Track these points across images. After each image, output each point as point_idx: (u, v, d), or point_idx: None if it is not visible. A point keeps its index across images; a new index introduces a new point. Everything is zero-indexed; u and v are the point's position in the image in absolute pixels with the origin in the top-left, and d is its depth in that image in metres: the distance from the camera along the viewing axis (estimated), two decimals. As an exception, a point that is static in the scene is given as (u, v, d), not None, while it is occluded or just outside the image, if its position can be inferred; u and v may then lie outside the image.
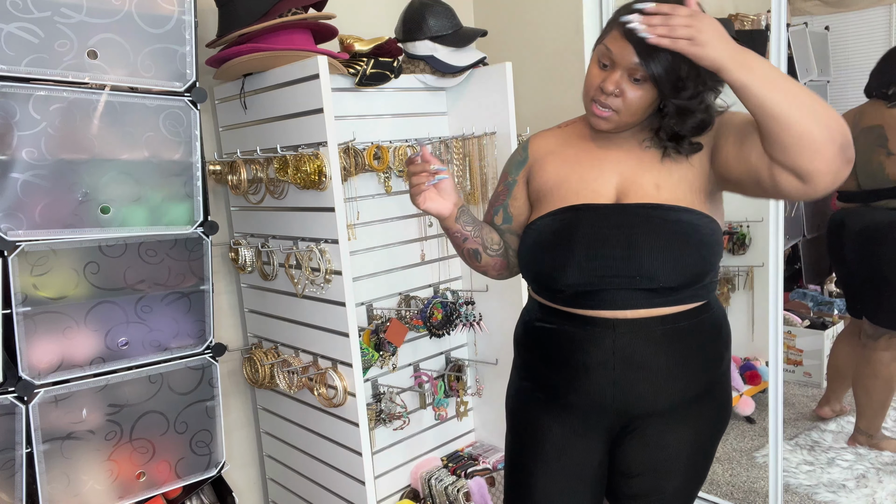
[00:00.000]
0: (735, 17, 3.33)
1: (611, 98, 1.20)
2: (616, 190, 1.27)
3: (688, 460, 1.33)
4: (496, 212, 1.45)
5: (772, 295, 2.19)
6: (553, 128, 1.44)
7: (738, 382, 3.13)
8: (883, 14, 3.47)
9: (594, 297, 1.24)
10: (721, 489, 2.56)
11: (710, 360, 1.30)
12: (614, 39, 1.18)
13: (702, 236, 1.21)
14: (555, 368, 1.31)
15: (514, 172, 1.42)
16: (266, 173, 1.95)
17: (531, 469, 1.37)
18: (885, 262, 2.60)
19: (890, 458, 2.66)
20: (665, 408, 1.27)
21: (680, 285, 1.22)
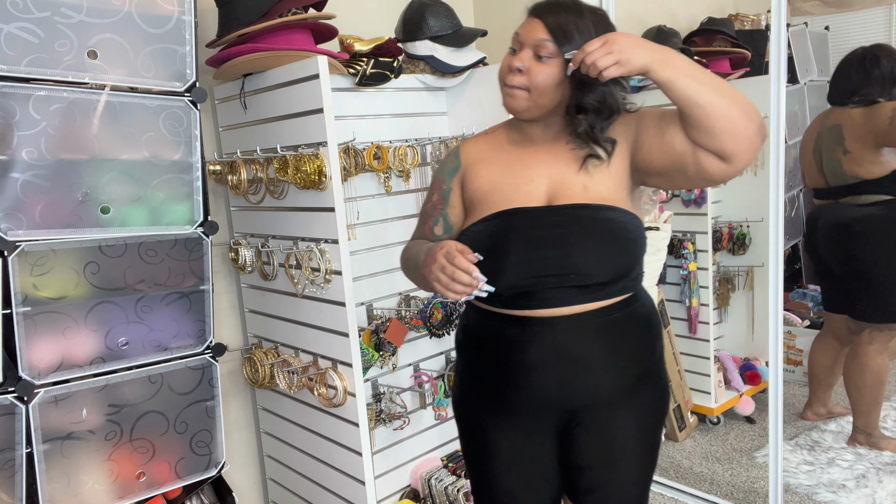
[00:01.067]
0: (735, 17, 3.33)
1: (518, 76, 1.25)
2: (547, 192, 1.31)
3: (634, 447, 1.37)
4: (435, 222, 1.43)
5: (772, 295, 2.19)
6: (480, 134, 1.47)
7: (738, 382, 3.13)
8: (883, 14, 3.46)
9: (531, 297, 1.28)
10: (721, 489, 2.56)
11: (644, 348, 1.36)
12: (522, 25, 1.28)
13: (628, 233, 1.28)
14: (497, 370, 1.34)
15: (448, 180, 1.42)
16: (266, 173, 1.95)
17: (490, 472, 1.42)
18: (857, 258, 2.65)
19: (890, 458, 2.66)
20: (606, 398, 1.32)
21: (611, 280, 1.28)
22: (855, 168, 2.60)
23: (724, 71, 3.05)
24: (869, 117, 2.53)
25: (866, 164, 2.56)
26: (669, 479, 2.64)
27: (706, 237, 2.99)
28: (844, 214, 2.63)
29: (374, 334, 2.11)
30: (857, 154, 2.58)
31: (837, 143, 2.61)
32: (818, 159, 2.68)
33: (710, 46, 3.06)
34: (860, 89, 2.58)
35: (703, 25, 3.08)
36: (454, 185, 1.41)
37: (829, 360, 2.92)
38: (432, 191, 1.45)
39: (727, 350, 3.29)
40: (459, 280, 1.16)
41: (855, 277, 2.67)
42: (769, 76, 2.10)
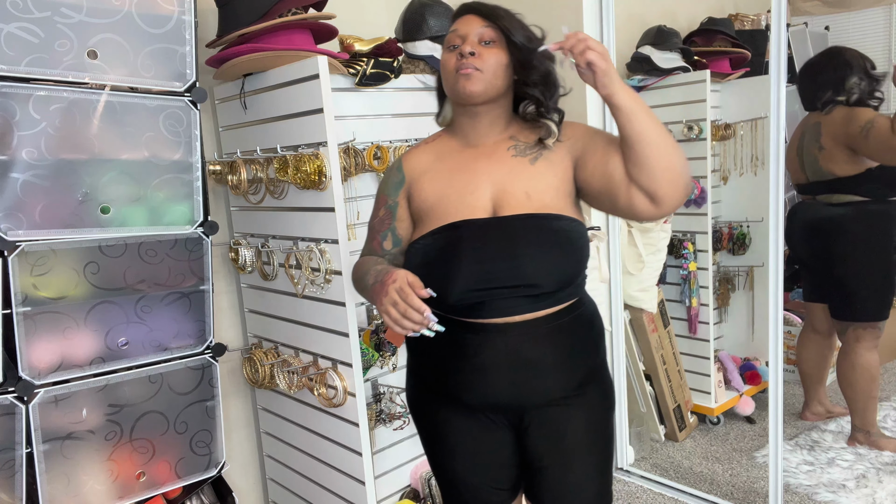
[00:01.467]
0: (735, 17, 3.34)
1: (471, 59, 1.29)
2: (492, 201, 1.33)
3: (587, 444, 1.40)
4: (384, 237, 1.43)
5: (772, 295, 2.19)
6: (421, 144, 1.47)
7: (738, 382, 3.14)
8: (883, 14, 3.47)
9: (483, 307, 1.30)
10: (721, 489, 2.56)
11: (590, 349, 1.40)
12: (456, 24, 1.34)
13: (573, 241, 1.31)
14: (451, 373, 1.36)
15: (393, 195, 1.43)
16: (266, 173, 1.95)
17: (452, 468, 1.45)
18: (830, 258, 2.69)
19: (890, 458, 2.66)
20: (556, 398, 1.36)
21: (559, 288, 1.31)
22: (830, 165, 2.64)
23: (724, 71, 3.06)
24: (845, 120, 2.58)
25: (840, 163, 2.61)
26: (669, 479, 2.64)
27: (706, 237, 2.99)
28: (819, 213, 2.68)
29: (374, 334, 2.11)
30: (831, 152, 2.63)
31: (815, 140, 2.66)
32: (800, 155, 2.71)
33: (710, 46, 3.06)
34: (820, 95, 2.64)
35: (703, 25, 3.08)
36: (400, 199, 1.42)
37: (815, 354, 2.93)
38: (378, 206, 1.45)
39: (727, 350, 3.29)
40: (410, 317, 1.20)
41: (829, 276, 2.71)
42: (769, 76, 2.10)
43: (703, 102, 2.88)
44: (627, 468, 2.76)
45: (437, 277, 1.28)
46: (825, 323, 2.86)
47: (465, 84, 1.30)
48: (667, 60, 2.89)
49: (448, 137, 1.44)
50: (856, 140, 2.54)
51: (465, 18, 1.34)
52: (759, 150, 3.08)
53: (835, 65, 2.62)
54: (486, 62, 1.30)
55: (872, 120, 2.50)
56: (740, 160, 3.15)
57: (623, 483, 2.68)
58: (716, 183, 3.20)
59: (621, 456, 2.77)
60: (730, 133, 3.15)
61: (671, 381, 2.97)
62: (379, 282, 1.27)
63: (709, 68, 2.92)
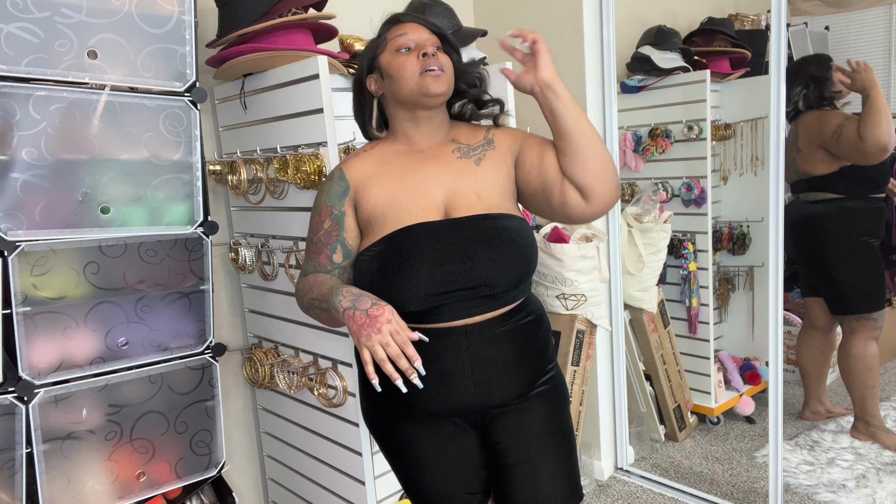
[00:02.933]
0: (735, 17, 3.34)
1: (434, 58, 1.32)
2: (443, 203, 1.34)
3: (551, 438, 1.41)
4: (333, 249, 1.38)
5: (772, 295, 2.19)
6: (359, 153, 1.44)
7: (738, 382, 3.14)
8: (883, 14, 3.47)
9: (442, 310, 1.30)
10: (721, 489, 2.56)
11: (541, 345, 1.42)
12: (399, 29, 1.37)
13: (525, 240, 1.34)
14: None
15: (338, 204, 1.38)
16: (266, 173, 1.95)
17: (423, 481, 1.43)
18: (812, 255, 2.79)
19: (890, 458, 2.66)
20: (517, 395, 1.37)
21: (514, 286, 1.33)
22: (805, 165, 2.74)
23: (724, 71, 3.06)
24: (817, 123, 2.68)
25: (815, 163, 2.71)
26: (669, 479, 2.64)
27: (706, 237, 3.00)
28: (800, 211, 2.77)
29: (374, 334, 2.11)
30: (807, 153, 2.73)
31: (794, 143, 2.76)
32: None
33: (710, 46, 3.06)
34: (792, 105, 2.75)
35: (703, 25, 3.08)
36: (346, 208, 1.38)
37: (814, 351, 2.95)
38: (320, 219, 1.40)
39: (727, 350, 3.29)
40: (399, 363, 1.20)
41: (820, 272, 2.79)
42: (769, 76, 2.10)
43: (703, 102, 2.88)
44: (627, 468, 2.76)
45: (395, 284, 1.27)
46: (823, 319, 2.88)
47: (435, 84, 1.31)
48: (667, 60, 2.89)
49: (388, 144, 1.43)
50: (829, 143, 2.64)
51: (411, 26, 1.36)
52: (759, 150, 3.08)
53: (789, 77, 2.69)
54: (445, 63, 1.34)
55: (842, 124, 2.61)
56: (740, 160, 3.15)
57: (623, 483, 2.68)
58: (716, 183, 3.20)
59: (621, 456, 2.77)
60: (730, 133, 3.15)
61: (671, 381, 2.97)
62: (360, 311, 1.22)
63: (709, 68, 2.92)
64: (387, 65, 1.35)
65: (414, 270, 1.27)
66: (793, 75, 2.68)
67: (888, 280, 3.59)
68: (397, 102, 1.38)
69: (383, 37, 1.38)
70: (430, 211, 1.32)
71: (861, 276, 2.69)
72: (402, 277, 1.27)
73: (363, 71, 1.41)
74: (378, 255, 1.31)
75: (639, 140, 3.05)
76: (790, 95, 2.70)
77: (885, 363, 3.70)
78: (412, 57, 1.33)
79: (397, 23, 1.38)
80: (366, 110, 1.44)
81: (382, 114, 1.44)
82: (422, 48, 1.33)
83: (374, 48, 1.39)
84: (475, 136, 1.42)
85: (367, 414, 1.47)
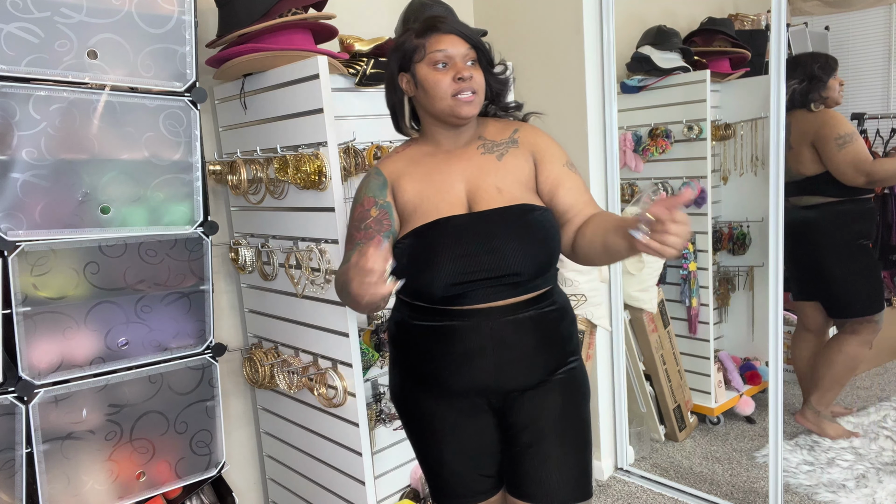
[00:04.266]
0: (735, 17, 3.33)
1: (469, 81, 1.36)
2: (467, 197, 1.41)
3: (565, 428, 1.45)
4: (386, 237, 1.40)
5: (772, 295, 2.19)
6: (392, 154, 1.52)
7: (738, 382, 3.14)
8: (883, 14, 3.47)
9: (467, 296, 1.36)
10: (721, 489, 2.56)
11: (565, 335, 1.46)
12: (438, 42, 1.36)
13: (548, 229, 1.39)
14: (437, 360, 1.42)
15: (381, 195, 1.44)
16: (266, 173, 1.95)
17: (437, 456, 1.50)
18: (807, 260, 2.76)
19: (890, 458, 2.66)
20: (536, 381, 1.43)
21: (537, 275, 1.39)
22: (796, 165, 2.71)
23: (724, 71, 3.06)
24: (816, 121, 2.64)
25: (805, 162, 2.68)
26: (669, 479, 2.64)
27: (706, 237, 3.00)
28: (791, 216, 2.66)
29: (374, 334, 2.11)
30: (797, 150, 2.69)
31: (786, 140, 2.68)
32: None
33: (710, 46, 3.06)
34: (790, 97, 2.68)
35: (703, 25, 3.08)
36: (389, 198, 1.44)
37: (808, 353, 2.96)
38: (365, 208, 1.43)
39: (727, 350, 3.29)
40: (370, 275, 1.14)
41: (817, 277, 2.77)
42: (769, 76, 2.10)
43: (703, 102, 2.88)
44: (627, 468, 2.76)
45: (425, 274, 1.36)
46: (816, 322, 2.89)
47: (466, 109, 1.37)
48: (667, 60, 2.89)
49: (418, 145, 1.50)
50: (827, 144, 2.60)
51: (450, 38, 1.38)
52: (759, 150, 3.08)
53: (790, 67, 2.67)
54: (477, 81, 1.38)
55: (852, 135, 2.57)
56: (740, 160, 3.15)
57: (623, 483, 2.68)
58: (716, 183, 3.20)
59: (621, 456, 2.77)
60: (730, 133, 3.15)
61: (671, 381, 2.97)
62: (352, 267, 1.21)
63: (709, 68, 2.92)
64: (422, 77, 1.38)
65: (439, 262, 1.35)
66: (793, 67, 2.65)
67: (888, 280, 3.59)
68: (427, 112, 1.43)
69: (422, 44, 1.38)
70: (455, 205, 1.39)
71: (859, 280, 2.68)
72: (429, 269, 1.35)
73: (395, 67, 1.43)
74: (407, 249, 1.39)
75: (639, 140, 3.06)
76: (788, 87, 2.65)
77: (885, 363, 3.70)
78: (447, 76, 1.36)
79: (437, 32, 1.38)
80: (398, 107, 1.48)
81: (414, 110, 1.48)
82: (457, 70, 1.36)
83: (412, 51, 1.38)
84: (502, 132, 1.48)
85: (395, 389, 1.55)
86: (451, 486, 1.51)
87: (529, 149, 1.45)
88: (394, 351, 1.54)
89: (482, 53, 1.41)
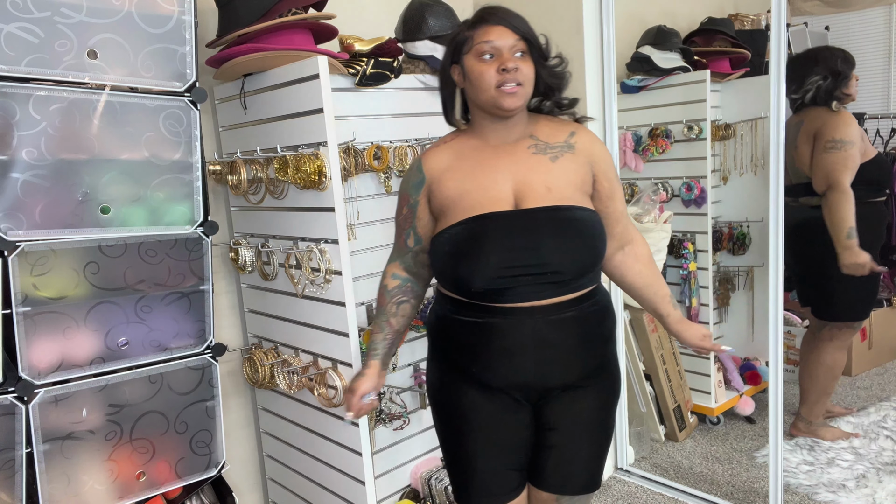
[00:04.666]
0: (735, 17, 3.34)
1: (514, 73, 1.34)
2: (513, 195, 1.39)
3: (594, 427, 1.51)
4: (408, 235, 1.52)
5: (772, 295, 2.19)
6: (439, 143, 1.51)
7: (738, 382, 3.13)
8: (883, 14, 3.47)
9: (508, 292, 1.37)
10: (721, 489, 2.56)
11: (606, 335, 1.49)
12: (486, 33, 1.36)
13: (594, 230, 1.40)
14: (477, 355, 1.43)
15: (414, 193, 1.49)
16: (266, 173, 1.95)
17: (471, 449, 1.49)
18: (809, 261, 2.72)
19: (890, 458, 2.66)
20: (574, 379, 1.45)
21: (581, 275, 1.39)
22: (802, 166, 2.66)
23: (724, 71, 3.06)
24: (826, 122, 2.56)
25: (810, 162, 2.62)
26: (669, 479, 2.64)
27: (706, 237, 3.00)
28: (798, 216, 2.66)
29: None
30: (803, 150, 2.64)
31: (794, 140, 2.66)
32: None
33: (710, 46, 3.06)
34: (790, 94, 2.62)
35: (703, 25, 3.08)
36: (420, 198, 1.48)
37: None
38: (402, 204, 1.52)
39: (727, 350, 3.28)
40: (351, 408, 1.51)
41: (817, 279, 2.73)
42: (769, 76, 2.10)
43: (703, 102, 2.88)
44: (627, 468, 2.76)
45: (465, 266, 1.37)
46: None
47: (509, 101, 1.36)
48: (667, 60, 2.89)
49: (466, 137, 1.48)
50: (818, 142, 2.55)
51: (497, 30, 1.36)
52: (759, 150, 3.08)
53: (802, 63, 2.63)
54: (524, 76, 1.36)
55: (845, 144, 2.50)
56: (740, 160, 3.15)
57: (623, 483, 2.68)
58: (716, 183, 3.20)
59: (621, 456, 2.77)
60: (730, 133, 3.15)
61: (671, 381, 2.97)
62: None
63: (709, 68, 2.92)
64: (469, 68, 1.38)
65: (482, 254, 1.35)
66: (812, 62, 2.59)
67: (888, 280, 3.59)
68: (475, 104, 1.43)
69: (471, 35, 1.38)
70: (501, 202, 1.38)
71: (856, 287, 2.62)
72: (471, 260, 1.36)
73: (448, 58, 1.44)
74: (451, 238, 1.40)
75: (639, 140, 3.06)
76: (801, 83, 2.61)
77: (885, 363, 3.70)
78: (492, 67, 1.35)
79: (485, 23, 1.38)
80: (448, 100, 1.48)
81: (465, 102, 1.48)
82: (503, 60, 1.35)
83: (462, 42, 1.39)
84: (556, 134, 1.46)
85: (431, 382, 1.57)
86: (481, 483, 1.50)
87: (587, 157, 1.44)
88: (433, 344, 1.56)
89: (533, 45, 1.38)
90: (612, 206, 1.48)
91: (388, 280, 1.59)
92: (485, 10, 1.40)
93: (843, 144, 2.51)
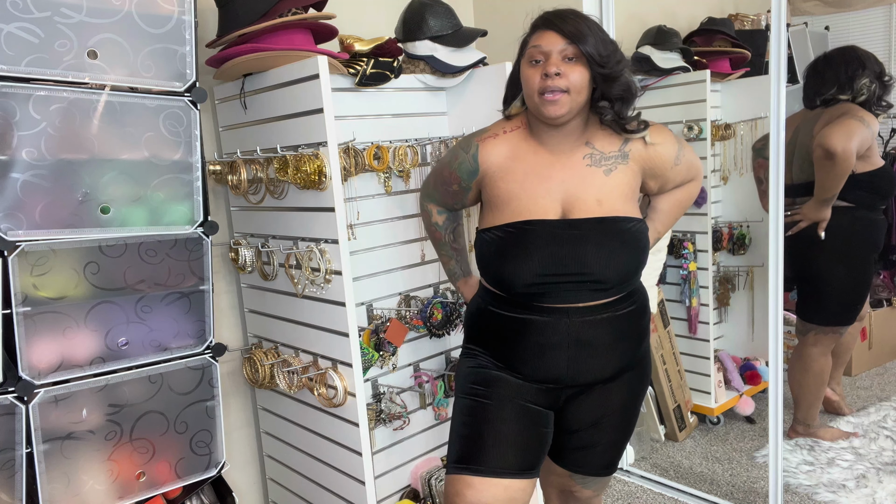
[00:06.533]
0: (735, 17, 3.33)
1: (557, 79, 1.33)
2: (562, 206, 1.43)
3: (620, 417, 1.57)
4: (455, 202, 1.63)
5: (772, 295, 2.19)
6: (498, 133, 1.50)
7: (738, 382, 3.13)
8: (883, 14, 3.47)
9: (548, 295, 1.42)
10: (721, 489, 2.56)
11: (639, 336, 1.53)
12: (538, 37, 1.37)
13: (638, 240, 1.43)
14: (513, 349, 1.49)
15: (467, 180, 1.55)
16: (266, 173, 1.95)
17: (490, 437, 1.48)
18: (806, 263, 2.69)
19: (890, 458, 2.66)
20: (606, 377, 1.50)
21: (621, 282, 1.44)
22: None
23: (724, 71, 3.05)
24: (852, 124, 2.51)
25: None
26: (669, 479, 2.64)
27: (706, 237, 3.00)
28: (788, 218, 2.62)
29: (374, 334, 2.11)
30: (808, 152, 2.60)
31: (809, 135, 2.61)
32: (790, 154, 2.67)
33: (710, 46, 3.06)
34: (824, 91, 2.60)
35: (703, 25, 3.08)
36: (473, 185, 1.55)
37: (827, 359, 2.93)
38: (451, 180, 1.57)
39: (727, 350, 3.29)
40: None
41: (804, 281, 2.73)
42: (769, 76, 2.10)
43: (703, 102, 2.88)
44: (627, 468, 2.76)
45: (509, 267, 1.42)
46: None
47: (552, 109, 1.35)
48: (667, 60, 2.89)
49: (525, 135, 1.48)
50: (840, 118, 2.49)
51: (547, 35, 1.36)
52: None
53: (847, 61, 2.58)
54: (572, 80, 1.34)
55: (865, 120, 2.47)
56: (740, 160, 3.15)
57: (623, 483, 2.68)
58: (716, 183, 3.20)
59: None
60: (730, 133, 3.14)
61: (671, 381, 2.97)
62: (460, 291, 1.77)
63: (709, 68, 2.92)
64: (521, 72, 1.40)
65: (527, 259, 1.40)
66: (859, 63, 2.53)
67: (888, 280, 3.59)
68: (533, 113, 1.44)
69: (527, 39, 1.40)
70: (549, 210, 1.42)
71: (850, 291, 2.62)
72: (515, 263, 1.41)
73: (517, 61, 1.46)
74: (497, 241, 1.45)
75: (639, 140, 3.05)
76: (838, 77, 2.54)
77: (885, 363, 3.70)
78: (538, 73, 1.36)
79: (538, 28, 1.39)
80: (508, 101, 1.51)
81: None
82: (547, 66, 1.33)
83: (522, 45, 1.42)
84: (612, 142, 1.45)
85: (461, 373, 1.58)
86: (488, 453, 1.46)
87: (640, 164, 1.47)
88: (471, 333, 1.60)
89: (586, 50, 1.33)
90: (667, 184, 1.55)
91: (436, 217, 1.70)
92: (544, 13, 1.40)
93: (865, 121, 2.47)
